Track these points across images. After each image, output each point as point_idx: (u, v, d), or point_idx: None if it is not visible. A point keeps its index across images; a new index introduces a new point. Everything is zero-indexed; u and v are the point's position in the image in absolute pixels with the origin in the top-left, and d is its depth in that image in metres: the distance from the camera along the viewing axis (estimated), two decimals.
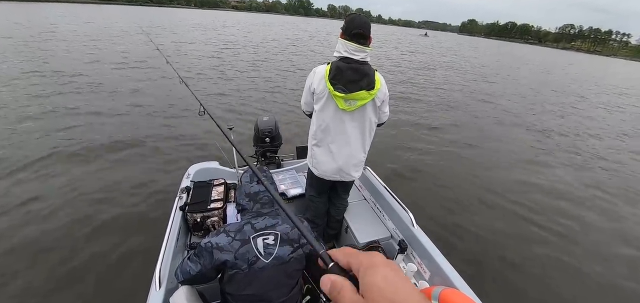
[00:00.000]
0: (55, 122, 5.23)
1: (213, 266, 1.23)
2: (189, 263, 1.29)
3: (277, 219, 1.35)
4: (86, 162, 4.13)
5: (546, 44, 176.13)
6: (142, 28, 20.78)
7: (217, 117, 1.45)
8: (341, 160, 1.86)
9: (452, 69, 17.53)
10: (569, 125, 8.48)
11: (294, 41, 23.89)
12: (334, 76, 1.64)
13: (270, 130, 2.70)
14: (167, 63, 2.75)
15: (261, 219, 1.33)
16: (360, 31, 1.61)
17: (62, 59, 10.13)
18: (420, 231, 1.94)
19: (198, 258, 1.27)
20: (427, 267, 1.82)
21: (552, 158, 5.98)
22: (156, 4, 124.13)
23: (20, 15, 25.06)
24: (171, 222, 1.84)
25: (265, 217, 1.34)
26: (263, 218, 1.33)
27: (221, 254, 1.21)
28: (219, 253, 1.22)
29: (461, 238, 3.39)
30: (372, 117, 1.80)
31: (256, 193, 1.37)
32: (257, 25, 41.77)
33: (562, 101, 11.85)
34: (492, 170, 5.18)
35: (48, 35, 14.96)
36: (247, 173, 1.44)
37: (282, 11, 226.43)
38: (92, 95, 6.81)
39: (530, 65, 27.45)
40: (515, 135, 7.16)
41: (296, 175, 2.69)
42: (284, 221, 1.36)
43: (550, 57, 50.20)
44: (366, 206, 2.48)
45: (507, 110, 9.37)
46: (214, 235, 1.28)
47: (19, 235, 2.84)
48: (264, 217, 1.34)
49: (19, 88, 6.85)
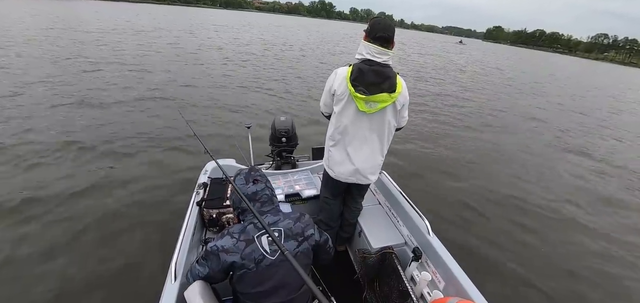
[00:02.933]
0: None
1: (221, 268, 1.25)
2: (198, 267, 1.30)
3: (279, 215, 1.35)
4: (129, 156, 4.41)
5: (576, 54, 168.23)
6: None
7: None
8: (358, 162, 1.84)
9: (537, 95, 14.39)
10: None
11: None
12: (355, 78, 1.63)
13: (286, 130, 2.72)
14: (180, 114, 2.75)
15: (263, 217, 1.32)
16: (383, 34, 1.60)
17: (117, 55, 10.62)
18: (436, 239, 1.88)
19: (206, 262, 1.28)
20: (441, 277, 1.77)
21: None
22: (183, 4, 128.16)
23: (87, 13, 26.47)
24: (188, 217, 1.87)
25: (267, 215, 1.34)
26: (265, 216, 1.33)
27: (227, 256, 1.22)
28: (226, 255, 1.23)
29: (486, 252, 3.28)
30: (391, 121, 1.78)
31: (254, 193, 1.35)
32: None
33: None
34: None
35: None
36: (241, 175, 1.42)
37: (304, 13, 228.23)
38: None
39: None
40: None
41: (311, 176, 2.69)
42: (286, 217, 1.36)
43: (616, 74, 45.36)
44: (381, 211, 2.44)
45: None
46: (219, 239, 1.28)
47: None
48: (266, 215, 1.33)
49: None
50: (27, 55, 9.60)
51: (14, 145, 4.25)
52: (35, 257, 2.61)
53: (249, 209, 1.32)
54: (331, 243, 1.56)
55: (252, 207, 1.28)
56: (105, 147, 4.48)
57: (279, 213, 1.37)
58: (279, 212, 1.38)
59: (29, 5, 31.29)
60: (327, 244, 1.52)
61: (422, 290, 1.76)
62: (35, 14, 23.24)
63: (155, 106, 6.40)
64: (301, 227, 1.34)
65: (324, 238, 1.50)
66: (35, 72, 7.89)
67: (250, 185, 1.37)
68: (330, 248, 1.55)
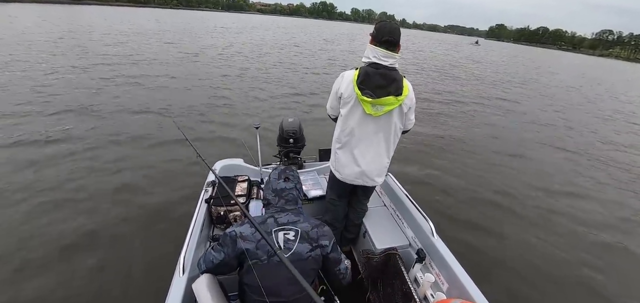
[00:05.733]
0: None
1: (235, 254, 1.30)
2: (213, 253, 1.36)
3: (299, 216, 1.40)
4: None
5: (580, 51, 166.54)
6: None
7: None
8: (365, 164, 1.87)
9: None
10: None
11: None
12: (362, 81, 1.66)
13: (294, 131, 2.75)
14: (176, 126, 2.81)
15: (284, 215, 1.39)
16: (390, 38, 1.63)
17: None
18: (440, 241, 1.90)
19: (221, 247, 1.34)
20: (445, 279, 1.78)
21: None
22: (186, 7, 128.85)
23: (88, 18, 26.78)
24: (196, 213, 1.94)
25: (289, 213, 1.40)
26: (286, 214, 1.39)
27: (244, 243, 1.28)
28: (242, 242, 1.28)
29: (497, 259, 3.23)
30: (398, 124, 1.80)
31: (282, 190, 1.45)
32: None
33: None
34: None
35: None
36: (276, 170, 1.52)
37: (305, 14, 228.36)
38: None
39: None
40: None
41: (317, 177, 2.73)
42: (306, 220, 1.41)
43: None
44: (386, 212, 2.47)
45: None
46: (238, 225, 1.35)
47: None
48: (287, 213, 1.40)
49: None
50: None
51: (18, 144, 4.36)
52: (51, 250, 2.74)
53: (273, 204, 1.41)
54: (345, 270, 1.49)
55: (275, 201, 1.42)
56: (113, 146, 4.62)
57: (300, 215, 1.42)
58: (300, 214, 1.43)
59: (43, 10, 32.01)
60: (338, 264, 1.45)
61: (425, 291, 1.77)
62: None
63: (160, 113, 6.51)
64: (317, 234, 1.38)
65: (338, 258, 1.45)
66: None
67: (280, 181, 1.46)
68: (340, 272, 1.47)
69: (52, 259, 2.66)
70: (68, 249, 2.78)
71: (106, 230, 3.02)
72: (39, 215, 3.14)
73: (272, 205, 1.44)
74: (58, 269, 2.58)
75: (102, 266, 2.64)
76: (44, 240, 2.85)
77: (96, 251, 2.79)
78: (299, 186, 1.51)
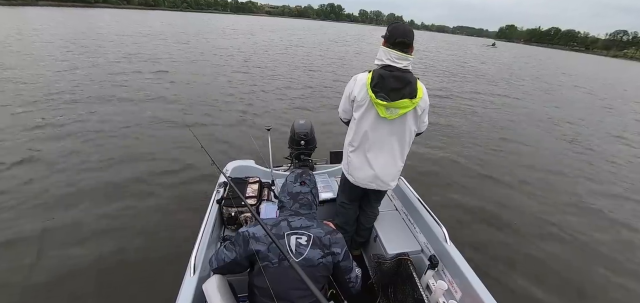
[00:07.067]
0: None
1: (247, 255, 1.30)
2: (225, 251, 1.37)
3: (313, 221, 1.39)
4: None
5: (593, 52, 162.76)
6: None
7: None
8: (378, 168, 1.84)
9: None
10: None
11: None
12: (376, 84, 1.63)
13: (305, 134, 2.76)
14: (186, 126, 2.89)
15: (298, 219, 1.38)
16: (403, 39, 1.61)
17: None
18: (453, 247, 1.86)
19: (234, 246, 1.35)
20: (458, 286, 1.74)
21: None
22: (196, 10, 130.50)
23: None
24: (208, 214, 1.96)
25: (302, 218, 1.39)
26: (300, 218, 1.38)
27: (256, 244, 1.28)
28: (255, 243, 1.28)
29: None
30: (412, 127, 1.77)
31: (297, 194, 1.44)
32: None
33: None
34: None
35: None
36: (293, 174, 1.52)
37: (313, 16, 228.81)
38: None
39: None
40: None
41: (328, 179, 2.72)
42: (320, 226, 1.39)
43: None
44: (397, 217, 2.43)
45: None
46: (252, 226, 1.35)
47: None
48: (301, 217, 1.39)
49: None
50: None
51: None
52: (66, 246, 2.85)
53: (288, 207, 1.41)
54: (355, 278, 1.47)
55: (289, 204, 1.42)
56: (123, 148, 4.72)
57: (314, 219, 1.41)
58: (314, 219, 1.41)
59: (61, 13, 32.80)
60: (348, 273, 1.43)
61: (437, 299, 1.73)
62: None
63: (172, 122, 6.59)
64: (330, 241, 1.36)
65: (349, 266, 1.43)
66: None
67: (296, 185, 1.46)
68: (350, 281, 1.45)
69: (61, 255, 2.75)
70: (76, 245, 2.87)
71: (116, 229, 3.09)
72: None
73: (286, 208, 1.43)
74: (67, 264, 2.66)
75: (117, 260, 2.72)
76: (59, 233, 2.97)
77: (106, 247, 2.85)
78: (315, 191, 1.50)
